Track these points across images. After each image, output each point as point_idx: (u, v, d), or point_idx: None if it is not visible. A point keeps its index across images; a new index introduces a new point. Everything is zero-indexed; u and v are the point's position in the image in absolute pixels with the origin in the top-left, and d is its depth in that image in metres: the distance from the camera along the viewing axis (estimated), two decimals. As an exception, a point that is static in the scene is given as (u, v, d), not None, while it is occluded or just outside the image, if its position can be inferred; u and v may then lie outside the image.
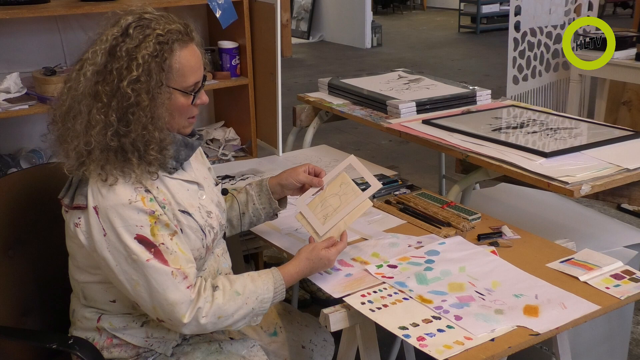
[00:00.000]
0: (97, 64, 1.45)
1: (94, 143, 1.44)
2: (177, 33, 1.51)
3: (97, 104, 1.45)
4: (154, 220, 1.48)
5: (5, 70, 2.57)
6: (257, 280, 1.59)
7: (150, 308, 1.50)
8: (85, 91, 1.46)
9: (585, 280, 1.63)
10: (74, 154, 1.47)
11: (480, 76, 8.22)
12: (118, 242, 1.46)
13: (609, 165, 1.99)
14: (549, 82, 4.60)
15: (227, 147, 2.95)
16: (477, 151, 2.14)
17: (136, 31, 1.47)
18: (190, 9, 2.98)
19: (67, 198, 1.52)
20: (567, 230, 2.40)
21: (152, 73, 1.45)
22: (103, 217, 1.46)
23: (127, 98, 1.44)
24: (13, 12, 2.34)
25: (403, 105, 2.58)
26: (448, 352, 1.36)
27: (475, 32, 12.24)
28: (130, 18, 1.49)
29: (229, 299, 1.54)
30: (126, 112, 1.45)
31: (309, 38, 11.73)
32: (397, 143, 5.58)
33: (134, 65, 1.44)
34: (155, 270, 1.46)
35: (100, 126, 1.44)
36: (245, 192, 1.88)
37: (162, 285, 1.47)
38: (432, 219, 1.97)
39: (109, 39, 1.46)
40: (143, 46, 1.45)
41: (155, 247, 1.47)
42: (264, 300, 1.58)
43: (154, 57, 1.46)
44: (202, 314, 1.50)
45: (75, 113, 1.46)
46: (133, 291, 1.49)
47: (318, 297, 3.03)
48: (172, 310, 1.48)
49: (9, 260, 1.75)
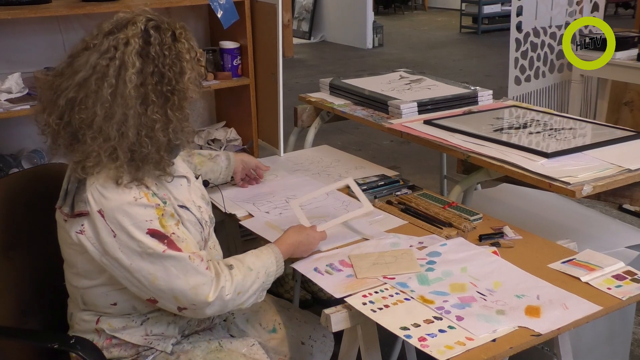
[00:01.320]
0: (137, 68, 1.45)
1: (149, 145, 1.46)
2: (188, 30, 1.56)
3: (150, 105, 1.46)
4: (161, 212, 1.50)
5: (6, 70, 2.57)
6: (261, 256, 1.67)
7: (171, 299, 1.52)
8: (131, 94, 1.44)
9: (586, 280, 1.63)
10: (106, 156, 1.46)
11: (482, 76, 8.21)
12: (130, 241, 1.47)
13: (611, 165, 1.99)
14: (553, 83, 4.59)
15: (228, 148, 2.95)
16: (479, 151, 2.14)
17: (158, 32, 1.49)
18: (191, 9, 2.98)
19: (66, 207, 1.50)
20: (568, 231, 2.39)
21: (194, 68, 1.53)
22: (110, 219, 1.47)
23: (185, 93, 1.50)
24: (15, 12, 2.35)
25: (404, 106, 2.58)
26: (449, 352, 1.36)
27: (477, 33, 12.24)
28: (142, 19, 1.50)
29: (244, 275, 1.59)
30: (182, 106, 1.50)
31: (310, 38, 11.73)
32: (399, 143, 5.58)
33: (185, 63, 1.50)
34: (173, 259, 1.48)
35: (160, 124, 1.46)
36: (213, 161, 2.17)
37: (182, 271, 1.49)
38: (433, 220, 1.97)
39: (136, 42, 1.46)
40: (180, 45, 1.50)
41: (167, 237, 1.49)
42: (269, 273, 1.66)
43: (190, 53, 1.52)
44: (226, 292, 1.54)
45: (119, 118, 1.44)
46: (151, 286, 1.50)
47: (319, 297, 3.03)
48: (195, 294, 1.50)
49: (9, 261, 1.75)
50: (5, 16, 2.33)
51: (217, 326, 1.82)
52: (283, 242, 1.74)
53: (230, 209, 2.09)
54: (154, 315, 1.65)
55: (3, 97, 2.45)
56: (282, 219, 1.99)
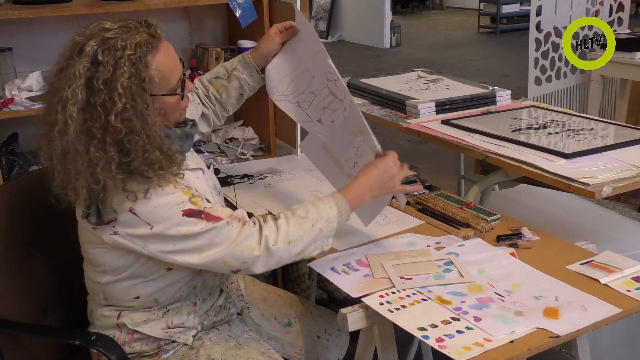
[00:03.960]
0: (80, 102, 1.42)
1: (103, 180, 1.43)
2: (146, 44, 1.47)
3: (93, 140, 1.42)
4: (189, 194, 1.52)
5: (27, 68, 2.59)
6: (318, 203, 1.61)
7: (222, 265, 1.52)
8: (77, 131, 1.42)
9: (606, 282, 1.61)
10: (84, 191, 1.45)
11: (500, 77, 8.17)
12: (169, 227, 1.48)
13: (631, 167, 1.97)
14: (575, 83, 4.54)
15: (245, 147, 2.96)
16: (497, 152, 2.13)
17: (106, 56, 1.43)
18: (210, 8, 2.99)
19: (92, 216, 1.49)
20: (587, 232, 2.37)
21: (135, 97, 1.43)
22: (143, 214, 1.48)
23: (119, 131, 1.42)
24: (36, 11, 2.37)
25: (422, 106, 2.57)
26: (467, 353, 1.35)
27: (495, 32, 12.18)
28: (93, 43, 1.44)
29: (294, 223, 1.56)
30: (122, 142, 1.43)
31: (327, 38, 11.74)
32: (416, 143, 5.57)
33: (116, 96, 1.41)
34: (214, 229, 1.50)
35: (102, 162, 1.42)
36: (235, 78, 1.98)
37: (225, 236, 1.50)
38: (450, 220, 1.96)
39: (82, 73, 1.42)
40: (119, 73, 1.42)
41: (202, 212, 1.50)
42: (329, 219, 1.59)
43: (133, 81, 1.43)
44: (271, 241, 1.52)
45: (73, 154, 1.43)
46: (200, 260, 1.51)
47: (335, 296, 3.02)
48: (242, 250, 1.51)
49: (29, 258, 1.77)
50: (26, 15, 2.36)
51: (234, 320, 1.84)
52: (349, 188, 1.65)
53: (248, 208, 2.10)
54: (174, 306, 1.68)
55: (24, 95, 2.47)
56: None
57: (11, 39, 2.59)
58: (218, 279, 1.78)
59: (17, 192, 1.80)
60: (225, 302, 1.82)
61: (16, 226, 1.75)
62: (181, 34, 2.98)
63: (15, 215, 1.76)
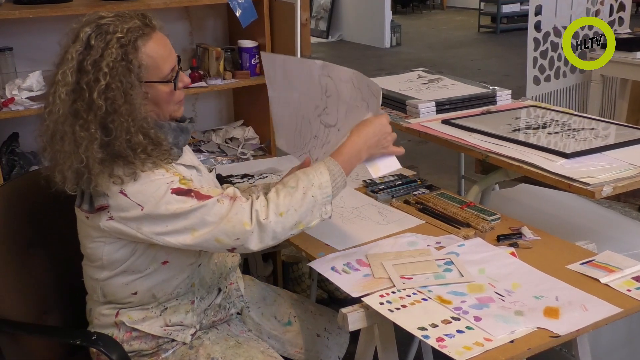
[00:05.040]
0: (69, 84, 1.47)
1: (85, 159, 1.45)
2: (137, 29, 1.52)
3: (79, 121, 1.46)
4: (179, 176, 1.53)
5: (27, 68, 2.59)
6: (309, 171, 1.59)
7: (216, 244, 1.52)
8: (65, 112, 1.47)
9: (606, 282, 1.61)
10: (70, 173, 1.48)
11: (500, 76, 8.17)
12: (159, 206, 1.49)
13: (631, 166, 1.97)
14: (575, 83, 4.54)
15: (246, 146, 2.96)
16: (497, 151, 2.13)
17: (97, 40, 1.47)
18: (210, 8, 3.00)
19: (85, 204, 1.54)
20: (587, 232, 2.37)
21: (120, 78, 1.47)
22: (133, 194, 1.49)
23: (101, 108, 1.45)
24: (36, 11, 2.38)
25: (422, 105, 2.57)
26: (468, 353, 1.35)
27: (495, 32, 12.18)
28: (87, 29, 1.49)
29: (284, 194, 1.54)
30: (105, 121, 1.46)
31: (328, 37, 11.74)
32: (416, 143, 5.57)
33: (101, 75, 1.45)
34: (204, 207, 1.50)
35: (86, 142, 1.46)
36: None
37: (216, 214, 1.50)
38: (451, 220, 1.96)
39: (75, 57, 1.47)
40: (107, 54, 1.46)
41: (192, 191, 1.51)
42: (322, 185, 1.56)
43: (120, 62, 1.47)
44: (262, 215, 1.50)
45: (61, 135, 1.48)
46: (193, 240, 1.51)
47: (336, 296, 3.03)
48: (234, 226, 1.50)
49: (29, 258, 1.77)
50: (26, 15, 2.36)
51: (234, 319, 1.84)
52: (341, 149, 1.62)
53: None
54: (172, 304, 1.68)
55: (24, 95, 2.48)
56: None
57: (11, 39, 2.59)
58: (216, 277, 1.78)
59: (17, 192, 1.80)
60: (224, 301, 1.82)
61: (16, 226, 1.76)
62: (181, 34, 2.98)
63: (15, 215, 1.76)
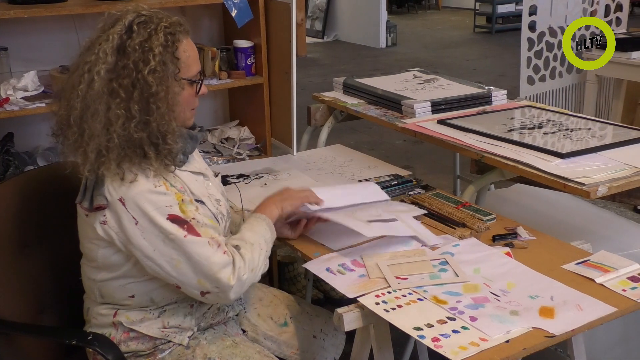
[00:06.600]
0: (109, 63, 1.49)
1: (116, 138, 1.47)
2: (179, 24, 1.57)
3: (116, 99, 1.48)
4: (180, 198, 1.54)
5: (22, 68, 2.59)
6: (255, 228, 1.69)
7: (195, 284, 1.54)
8: (101, 89, 1.48)
9: (601, 282, 1.62)
10: (94, 154, 1.49)
11: (496, 76, 8.18)
12: (152, 226, 1.50)
13: (626, 166, 1.98)
14: (571, 83, 4.54)
15: (241, 146, 2.96)
16: (493, 151, 2.13)
17: (140, 27, 1.51)
18: (206, 8, 2.99)
19: (85, 201, 1.54)
20: (582, 232, 2.38)
21: (167, 63, 1.52)
22: (131, 206, 1.50)
23: (149, 87, 1.48)
24: (31, 10, 2.37)
25: (418, 105, 2.57)
26: (463, 353, 1.35)
27: (491, 32, 12.18)
28: (130, 16, 1.53)
29: (251, 251, 1.62)
30: (147, 101, 1.49)
31: (323, 37, 11.73)
32: (412, 143, 5.57)
33: (151, 56, 1.49)
34: (194, 244, 1.52)
35: (122, 120, 1.48)
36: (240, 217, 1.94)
37: (204, 255, 1.52)
38: (446, 220, 1.97)
39: (115, 38, 1.50)
40: (155, 38, 1.51)
41: (187, 223, 1.52)
42: (267, 240, 1.70)
43: (167, 48, 1.52)
44: (242, 272, 1.57)
45: (92, 112, 1.48)
46: (175, 271, 1.53)
47: (331, 296, 3.02)
48: (218, 278, 1.53)
49: (25, 258, 1.77)
50: (21, 15, 2.35)
51: (230, 321, 1.84)
52: (263, 206, 1.78)
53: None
54: (170, 307, 1.68)
55: (19, 95, 2.47)
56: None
57: (6, 39, 2.59)
58: None
59: (12, 192, 1.79)
60: (222, 305, 1.82)
61: (12, 226, 1.75)
62: (177, 34, 2.97)
63: (10, 215, 1.75)
